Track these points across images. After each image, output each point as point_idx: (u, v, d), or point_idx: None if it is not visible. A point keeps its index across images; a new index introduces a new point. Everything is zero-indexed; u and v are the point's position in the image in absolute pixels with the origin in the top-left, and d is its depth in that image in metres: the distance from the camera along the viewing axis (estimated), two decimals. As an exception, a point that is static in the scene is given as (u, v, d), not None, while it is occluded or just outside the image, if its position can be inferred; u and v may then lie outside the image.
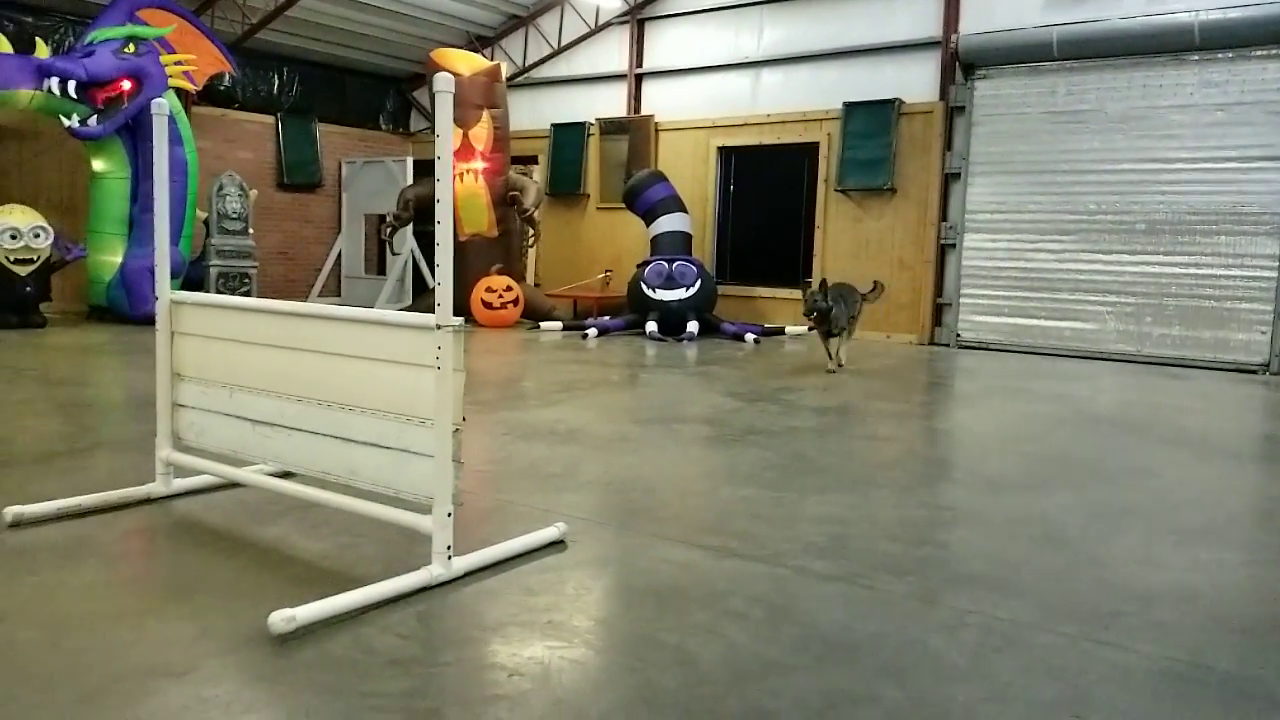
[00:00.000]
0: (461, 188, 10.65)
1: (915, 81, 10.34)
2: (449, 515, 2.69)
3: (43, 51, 9.30)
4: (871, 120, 10.45)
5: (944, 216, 10.20)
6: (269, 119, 12.88)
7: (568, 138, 12.72)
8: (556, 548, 3.05)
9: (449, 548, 2.70)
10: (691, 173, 11.68)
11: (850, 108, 10.58)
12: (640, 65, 12.31)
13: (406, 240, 12.37)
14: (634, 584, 2.78)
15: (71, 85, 9.16)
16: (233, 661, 2.16)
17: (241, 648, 2.23)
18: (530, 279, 12.68)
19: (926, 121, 10.24)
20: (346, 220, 13.68)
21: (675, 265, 10.08)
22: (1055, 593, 2.81)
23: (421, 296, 11.97)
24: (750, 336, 9.81)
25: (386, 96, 14.37)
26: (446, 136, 2.68)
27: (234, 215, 10.63)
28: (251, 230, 10.79)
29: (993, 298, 9.99)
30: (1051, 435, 5.33)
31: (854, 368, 8.00)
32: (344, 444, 2.95)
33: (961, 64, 9.91)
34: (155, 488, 3.41)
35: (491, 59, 12.40)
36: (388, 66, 13.79)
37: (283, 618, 2.28)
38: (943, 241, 10.20)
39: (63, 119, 9.34)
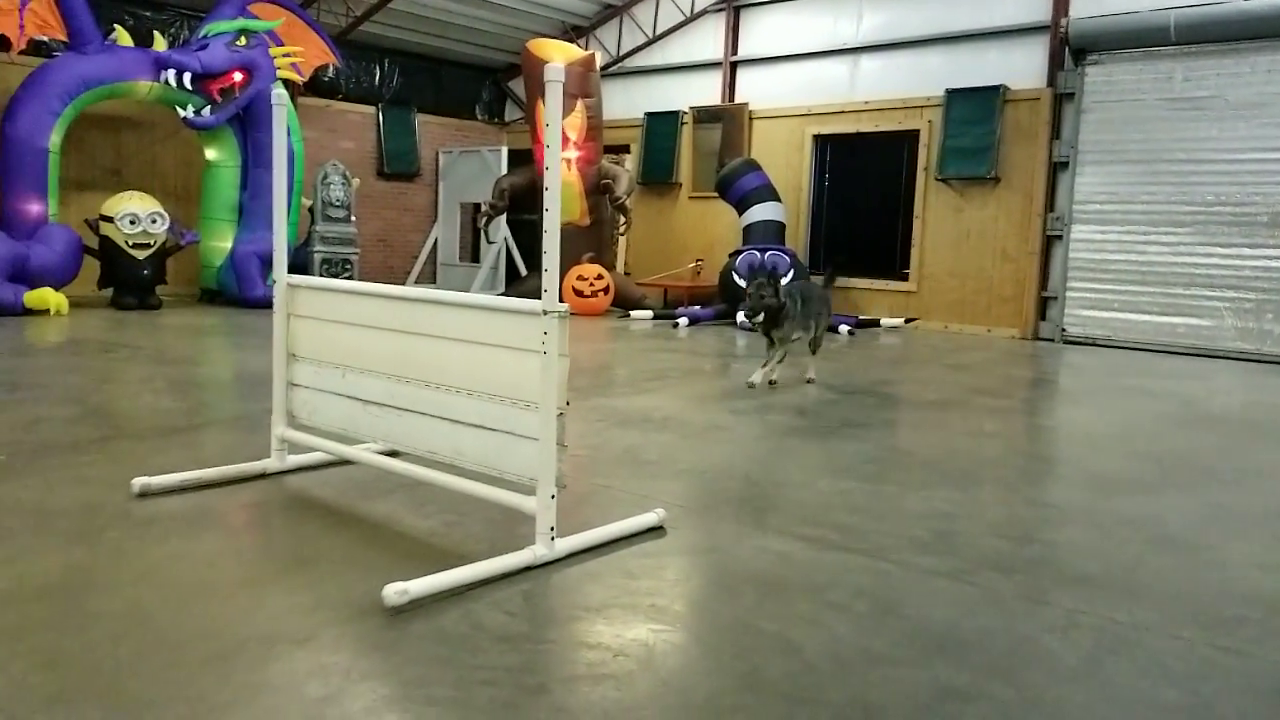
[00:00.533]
0: (556, 176, 10.74)
1: (1021, 67, 10.02)
2: (552, 497, 2.73)
3: (160, 45, 9.72)
4: (975, 107, 10.17)
5: (1050, 207, 9.88)
6: (370, 109, 13.21)
7: (661, 126, 12.72)
8: (655, 533, 3.07)
9: (552, 529, 2.74)
10: (785, 161, 11.56)
11: (953, 94, 10.32)
12: (735, 53, 12.22)
13: (500, 228, 12.56)
14: (734, 572, 2.78)
15: (187, 77, 9.55)
16: (349, 631, 2.24)
17: (356, 618, 2.31)
18: (620, 267, 12.74)
19: (1033, 109, 9.91)
20: (443, 208, 13.96)
21: (768, 255, 9.99)
22: (1172, 596, 2.71)
23: (514, 284, 12.14)
24: (844, 328, 9.67)
25: (482, 87, 14.60)
26: (555, 127, 2.70)
27: (337, 203, 10.95)
28: (354, 218, 11.10)
29: (1101, 291, 9.62)
30: (1165, 435, 5.13)
31: (951, 361, 7.81)
32: (450, 425, 3.02)
33: (1071, 49, 9.56)
34: (270, 463, 3.54)
35: (586, 49, 12.48)
36: (484, 57, 14.00)
37: (396, 591, 2.34)
38: (1049, 233, 9.87)
39: (178, 109, 9.75)
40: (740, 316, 9.76)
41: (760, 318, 5.70)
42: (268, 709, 1.86)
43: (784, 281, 6.20)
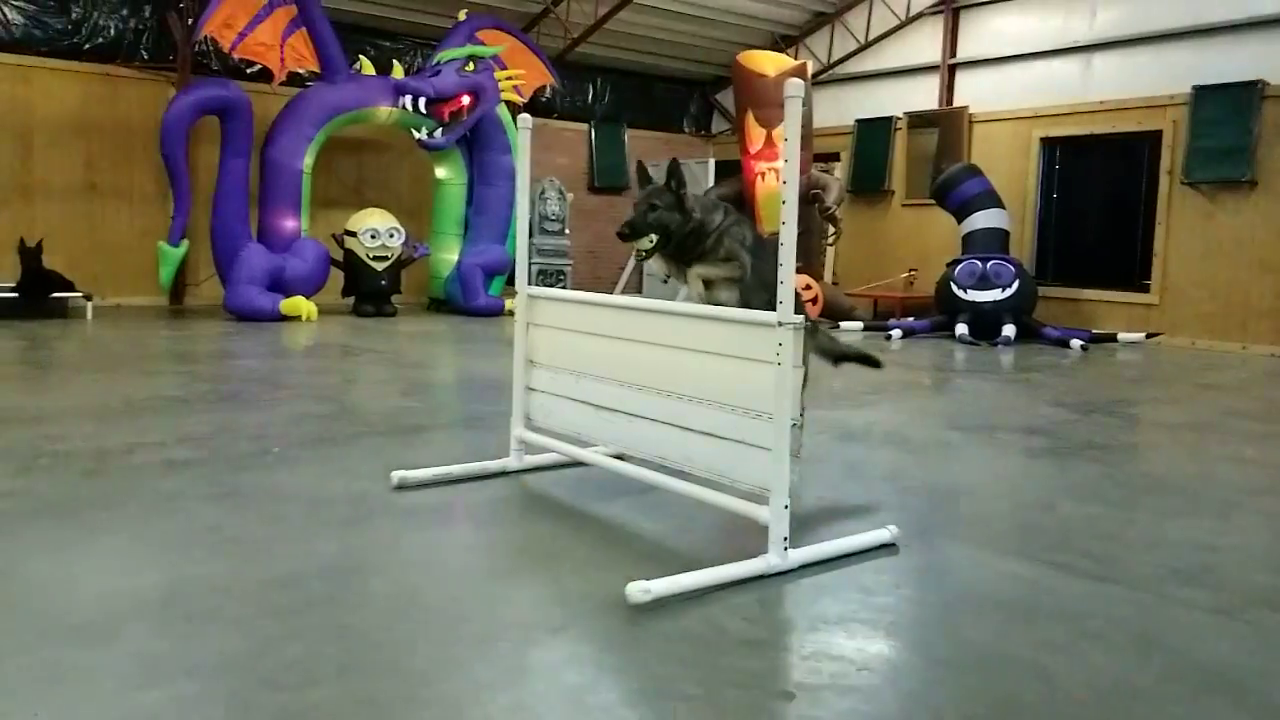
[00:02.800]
0: (763, 186, 10.74)
1: (1282, 60, 9.09)
2: (785, 508, 2.73)
3: (398, 73, 10.50)
4: (1227, 105, 9.30)
5: (1316, 211, 8.89)
6: (583, 126, 13.70)
7: (872, 133, 12.45)
8: (888, 550, 3.00)
9: (785, 539, 2.74)
10: (1009, 166, 11.02)
11: (1201, 91, 9.49)
12: (954, 55, 11.79)
13: (708, 239, 12.67)
14: (977, 595, 2.67)
15: (421, 102, 10.25)
16: (597, 625, 2.33)
17: (601, 613, 2.40)
18: (829, 277, 12.56)
19: (1295, 104, 8.97)
20: (651, 220, 14.24)
21: (990, 264, 9.55)
22: None
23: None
24: (1076, 343, 9.06)
25: (690, 100, 14.82)
26: (794, 141, 2.72)
27: (553, 217, 11.42)
28: (568, 230, 11.53)
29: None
30: None
31: (1201, 380, 7.17)
32: (681, 432, 3.08)
33: (1346, 35, 8.58)
34: (509, 462, 3.74)
35: (796, 58, 12.41)
36: (692, 71, 14.21)
37: (640, 589, 2.42)
38: (1314, 240, 8.89)
39: (413, 132, 10.48)
40: (961, 329, 9.35)
41: (647, 243, 3.33)
42: (534, 692, 1.97)
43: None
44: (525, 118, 3.73)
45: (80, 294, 9.09)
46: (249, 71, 10.46)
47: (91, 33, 10.12)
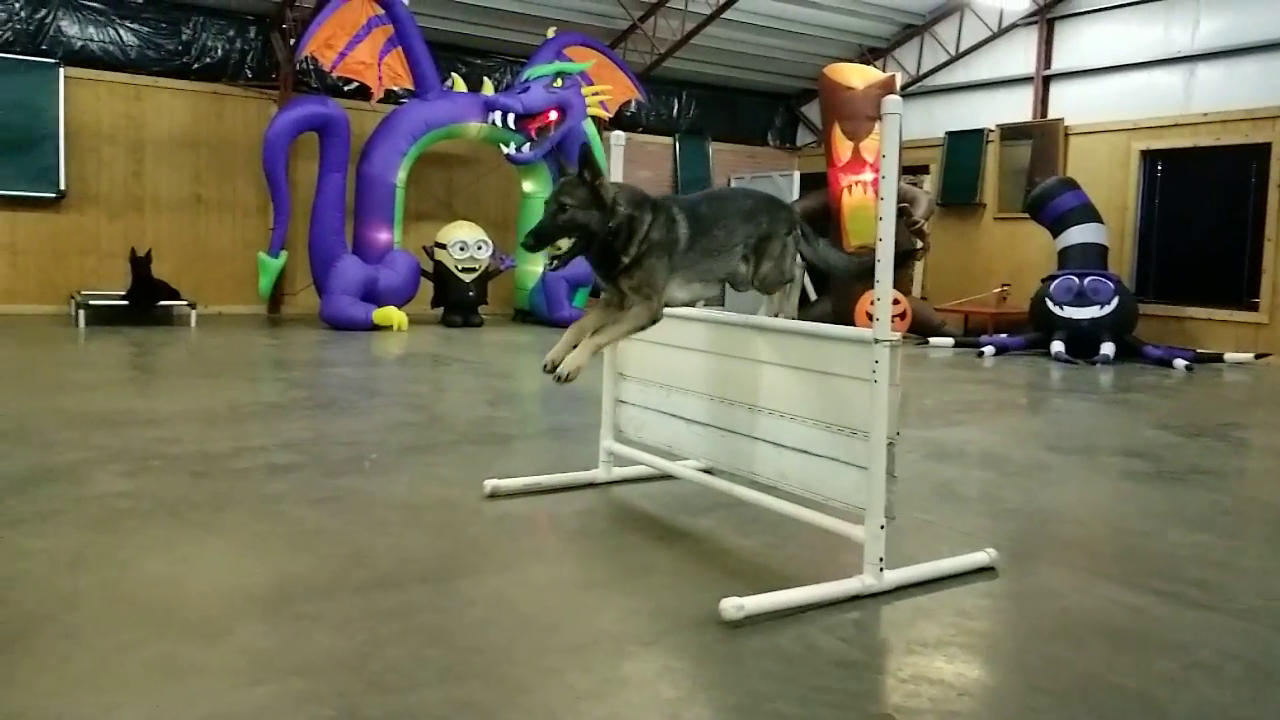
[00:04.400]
0: (850, 200, 10.63)
1: None
2: (881, 528, 2.69)
3: (488, 89, 10.72)
4: (1345, 114, 8.88)
5: None
6: (667, 140, 13.77)
7: (963, 145, 12.22)
8: (987, 574, 2.93)
9: (881, 559, 2.69)
10: (1108, 179, 10.68)
11: (1313, 101, 9.08)
12: (1048, 66, 11.51)
13: (793, 253, 12.58)
14: (1079, 621, 2.59)
15: (510, 117, 10.44)
16: (689, 639, 2.33)
17: (694, 627, 2.39)
18: (917, 292, 12.34)
19: None
20: (734, 234, 14.22)
21: (1087, 280, 9.25)
22: None
23: (803, 308, 12.10)
24: (1180, 362, 8.70)
25: (775, 113, 14.77)
26: (892, 158, 2.71)
27: (638, 229, 11.47)
28: (653, 243, 11.56)
29: None
30: None
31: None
32: (773, 448, 3.06)
33: None
34: (598, 473, 3.77)
35: (884, 70, 12.26)
36: (777, 84, 14.17)
37: (734, 605, 2.41)
38: None
39: (502, 147, 10.68)
40: (1057, 346, 9.06)
41: (558, 250, 2.84)
42: (630, 703, 1.98)
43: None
44: (618, 134, 3.77)
45: (185, 302, 9.49)
46: (346, 89, 10.81)
47: (200, 53, 10.59)
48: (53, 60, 9.75)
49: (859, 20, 12.40)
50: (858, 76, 10.86)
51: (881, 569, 2.70)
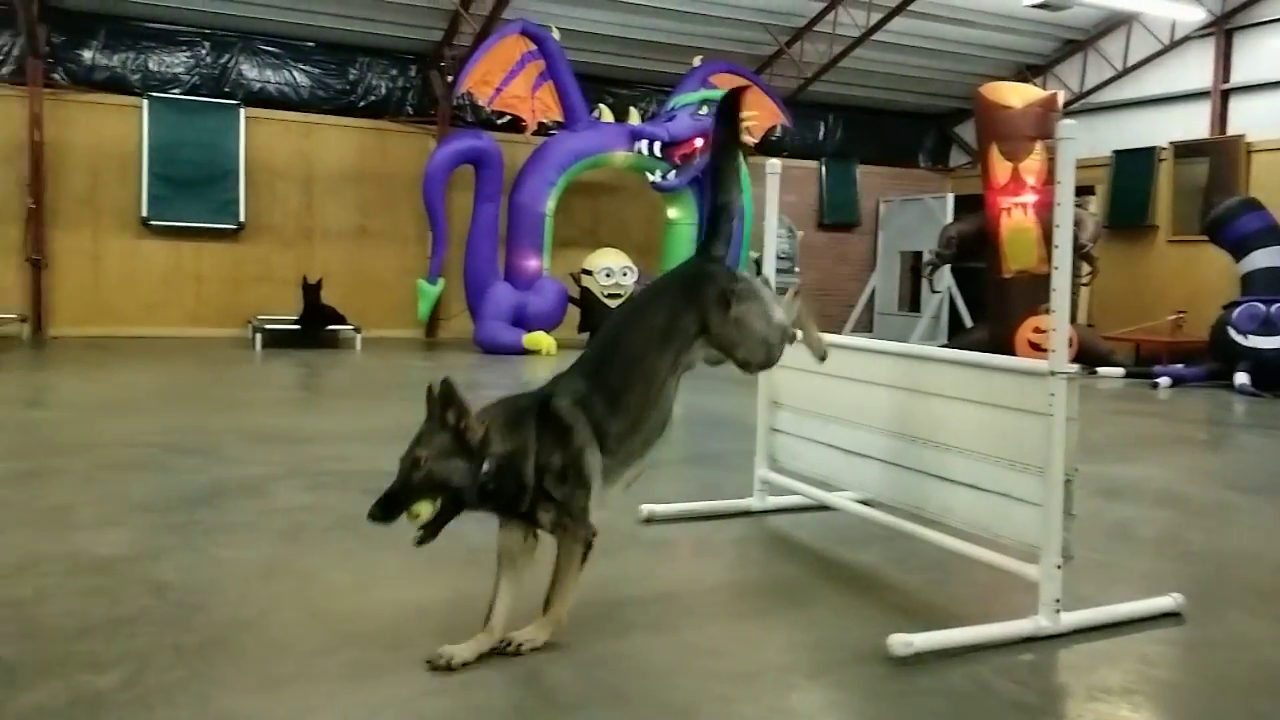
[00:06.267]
0: (1009, 222, 10.25)
1: None
2: (1058, 567, 2.57)
3: (634, 119, 10.91)
4: None
5: None
6: (812, 164, 13.65)
7: (1132, 165, 11.60)
8: (1171, 620, 2.75)
9: (1058, 601, 2.57)
10: (1296, 199, 9.93)
11: None
12: (1226, 80, 10.83)
13: (944, 277, 12.24)
14: (1278, 675, 2.40)
15: (656, 146, 10.61)
16: (855, 674, 2.29)
17: (859, 662, 2.35)
18: (1083, 319, 11.76)
19: None
20: (881, 257, 13.96)
21: (1275, 307, 8.57)
22: None
23: (958, 335, 11.72)
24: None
25: (926, 134, 14.44)
26: (1067, 186, 2.62)
27: (782, 255, 11.44)
28: (797, 269, 11.50)
29: None
30: None
31: None
32: (937, 481, 2.98)
33: None
34: (752, 502, 3.75)
35: (1044, 88, 11.81)
36: (929, 105, 13.85)
37: (902, 642, 2.35)
38: None
39: (648, 175, 10.85)
40: (1241, 378, 8.42)
41: (423, 512, 2.26)
42: (800, 739, 1.96)
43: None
44: (773, 162, 3.80)
45: (351, 326, 10.03)
46: (499, 123, 11.22)
47: (365, 91, 11.24)
48: (234, 101, 10.57)
49: (1016, 37, 12.00)
50: (1016, 95, 10.49)
51: (1058, 610, 2.58)
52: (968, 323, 12.03)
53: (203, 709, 2.01)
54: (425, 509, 2.21)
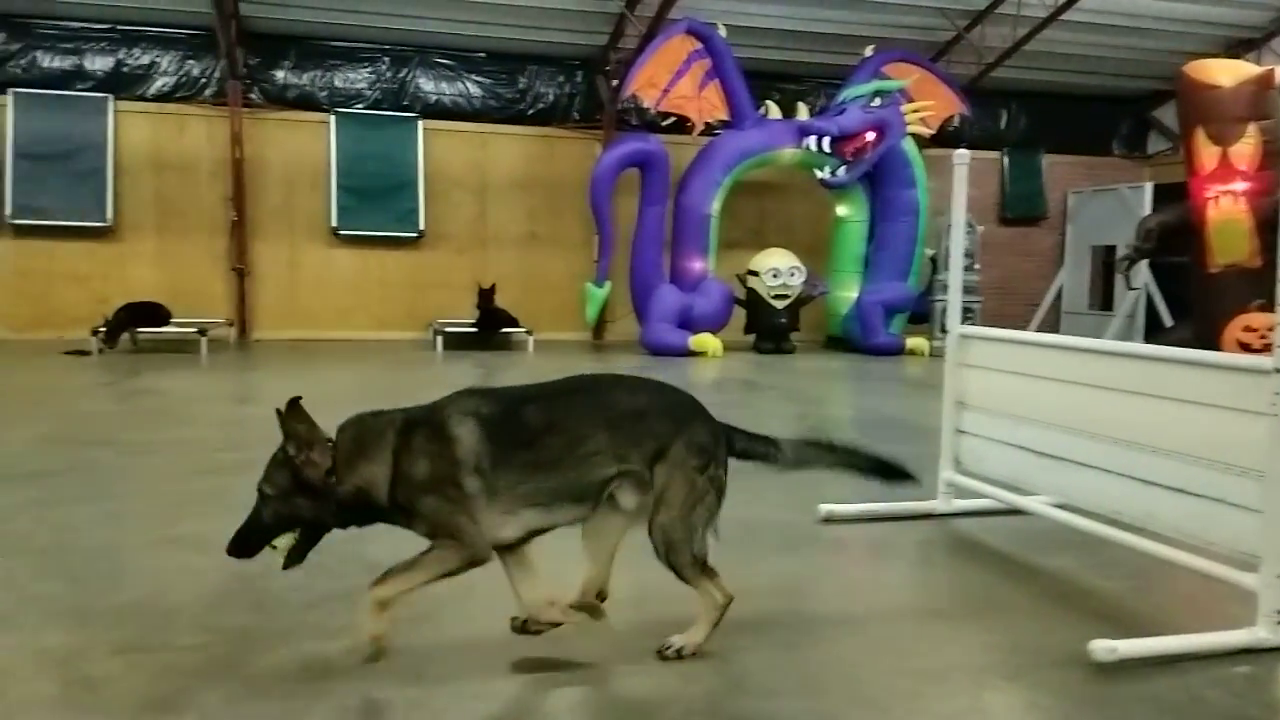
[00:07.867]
0: (1216, 212, 9.43)
1: None
2: (1278, 577, 2.32)
3: (802, 114, 10.71)
4: None
5: None
6: (994, 155, 13.00)
7: (1358, 145, 10.43)
8: None
9: (1278, 611, 2.33)
10: None
11: None
12: None
13: (1142, 273, 11.38)
14: None
15: (825, 141, 10.38)
16: (1054, 677, 2.21)
17: (1058, 666, 2.26)
18: (1301, 317, 10.68)
19: None
20: (1070, 253, 13.15)
21: None
22: None
23: (1157, 334, 10.88)
24: None
25: (1120, 119, 13.50)
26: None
27: (964, 252, 10.93)
28: (977, 266, 10.98)
29: None
30: None
31: None
32: (1139, 485, 2.81)
33: None
34: (937, 504, 3.62)
35: (1258, 64, 10.79)
36: (1123, 87, 12.94)
37: (1105, 647, 2.25)
38: None
39: (816, 171, 10.64)
40: None
41: (284, 543, 2.20)
42: (997, 739, 1.86)
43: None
44: (962, 153, 3.64)
45: (523, 329, 10.34)
46: (664, 125, 11.28)
47: (534, 100, 11.58)
48: (413, 114, 11.11)
49: (1225, 9, 11.03)
50: (1225, 73, 9.64)
51: (1279, 621, 2.34)
52: (1167, 321, 11.15)
53: (418, 676, 2.14)
54: (284, 540, 2.14)
